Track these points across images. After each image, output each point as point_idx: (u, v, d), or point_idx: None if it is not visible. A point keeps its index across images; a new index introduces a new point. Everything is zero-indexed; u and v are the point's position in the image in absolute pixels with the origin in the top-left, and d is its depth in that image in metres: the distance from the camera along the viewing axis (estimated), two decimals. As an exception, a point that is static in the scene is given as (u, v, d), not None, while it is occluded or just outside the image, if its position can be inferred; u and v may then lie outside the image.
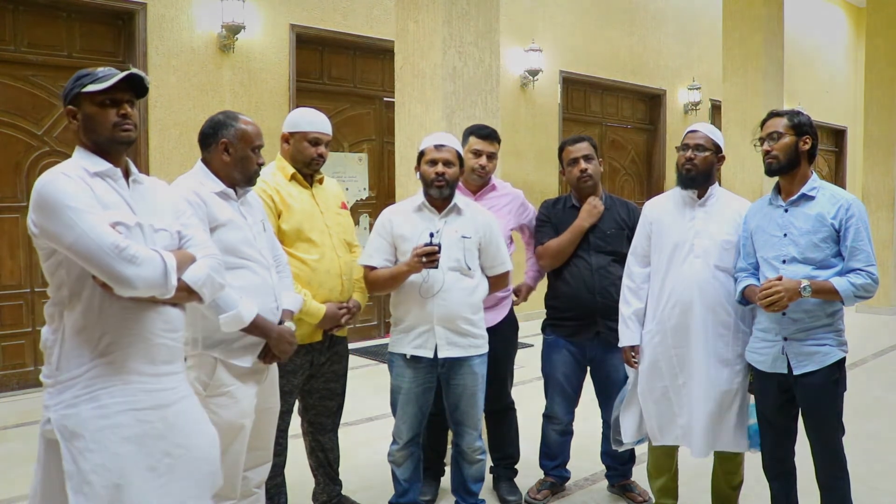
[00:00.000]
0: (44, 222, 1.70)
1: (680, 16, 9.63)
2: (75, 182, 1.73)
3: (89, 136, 1.83)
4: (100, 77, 1.81)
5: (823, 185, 2.56)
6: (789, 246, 2.52)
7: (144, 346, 1.81)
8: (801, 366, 2.49)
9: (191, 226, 1.98)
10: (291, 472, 2.93)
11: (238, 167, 2.35)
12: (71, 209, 1.68)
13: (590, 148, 3.18)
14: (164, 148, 5.49)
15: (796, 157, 2.54)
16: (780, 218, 2.57)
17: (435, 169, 2.78)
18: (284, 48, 6.16)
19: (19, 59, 5.08)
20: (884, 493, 3.38)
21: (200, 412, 1.98)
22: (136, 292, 1.73)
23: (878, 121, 8.81)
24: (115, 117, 1.82)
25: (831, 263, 2.47)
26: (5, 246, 5.08)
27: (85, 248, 1.67)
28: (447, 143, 2.83)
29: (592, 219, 3.14)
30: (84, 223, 1.67)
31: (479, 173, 3.19)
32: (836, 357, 2.48)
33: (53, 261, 1.77)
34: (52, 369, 1.78)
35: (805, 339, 2.49)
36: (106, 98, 1.81)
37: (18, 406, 4.78)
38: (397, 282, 2.77)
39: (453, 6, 3.68)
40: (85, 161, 1.81)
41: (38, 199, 1.72)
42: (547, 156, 7.98)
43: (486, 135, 3.21)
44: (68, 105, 1.84)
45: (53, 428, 1.73)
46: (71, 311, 1.77)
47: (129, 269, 1.69)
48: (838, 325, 2.52)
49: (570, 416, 3.27)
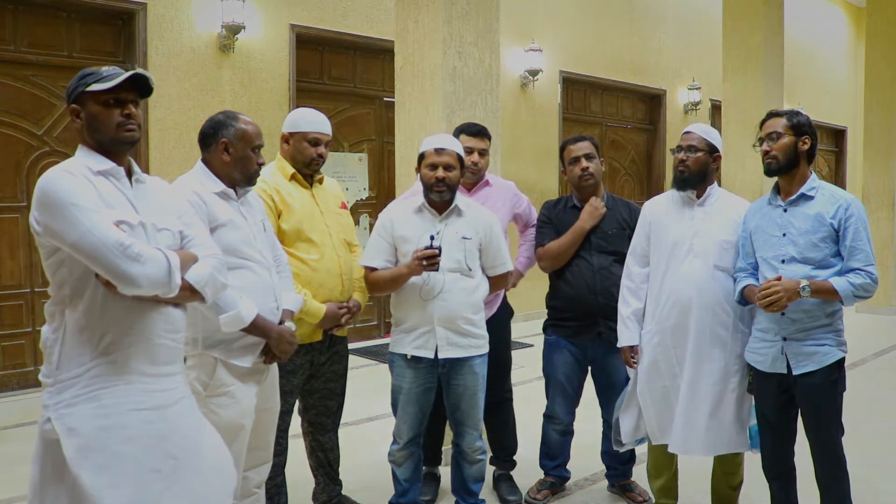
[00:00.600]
0: (47, 220, 1.70)
1: (680, 16, 9.63)
2: (79, 180, 1.73)
3: (93, 136, 1.83)
4: (104, 76, 1.80)
5: (822, 185, 2.56)
6: (788, 246, 2.52)
7: (146, 346, 1.80)
8: (801, 366, 2.49)
9: (193, 225, 1.98)
10: (291, 472, 2.93)
11: (238, 167, 2.35)
12: (75, 206, 1.68)
13: (591, 147, 3.18)
14: (164, 148, 5.49)
15: (795, 158, 2.54)
16: (779, 218, 2.57)
17: (435, 174, 2.77)
18: (284, 48, 6.16)
19: (19, 59, 5.08)
20: (884, 493, 3.38)
21: (199, 413, 1.97)
22: (140, 291, 1.72)
23: (878, 121, 8.81)
24: (119, 117, 1.81)
25: (830, 263, 2.47)
26: (5, 246, 5.08)
27: (89, 245, 1.66)
28: (448, 147, 2.82)
29: (594, 220, 3.13)
30: (88, 221, 1.67)
31: (472, 170, 3.20)
32: (836, 357, 2.48)
33: (55, 259, 1.76)
34: (51, 368, 1.77)
35: (804, 340, 2.49)
36: (110, 98, 1.80)
37: (18, 406, 4.78)
38: (398, 283, 2.77)
39: (453, 6, 3.68)
40: (88, 160, 1.81)
41: (41, 197, 1.71)
42: (547, 156, 7.98)
43: (475, 132, 3.22)
44: (72, 104, 1.83)
45: (54, 427, 1.72)
46: (73, 310, 1.76)
47: (133, 268, 1.68)
48: (837, 325, 2.52)
49: (570, 417, 3.27)
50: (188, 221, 1.97)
